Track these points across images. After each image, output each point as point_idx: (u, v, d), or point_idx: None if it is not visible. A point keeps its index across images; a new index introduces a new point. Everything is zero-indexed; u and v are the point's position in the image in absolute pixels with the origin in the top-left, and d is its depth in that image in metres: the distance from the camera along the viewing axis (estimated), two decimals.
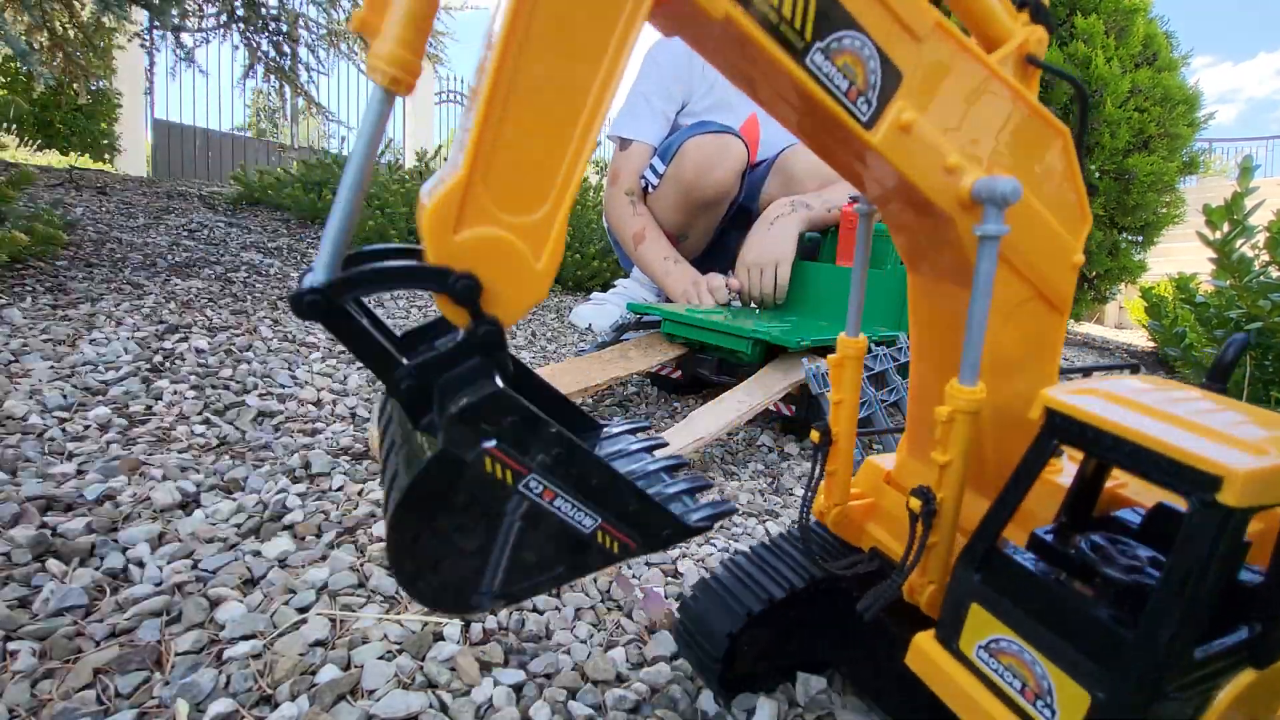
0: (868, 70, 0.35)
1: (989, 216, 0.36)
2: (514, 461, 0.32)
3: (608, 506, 0.35)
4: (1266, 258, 0.99)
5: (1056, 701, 0.34)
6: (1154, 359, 3.53)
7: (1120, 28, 3.62)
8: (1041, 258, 0.42)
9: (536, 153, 0.31)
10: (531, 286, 0.32)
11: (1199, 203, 1.10)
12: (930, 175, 0.37)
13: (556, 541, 0.35)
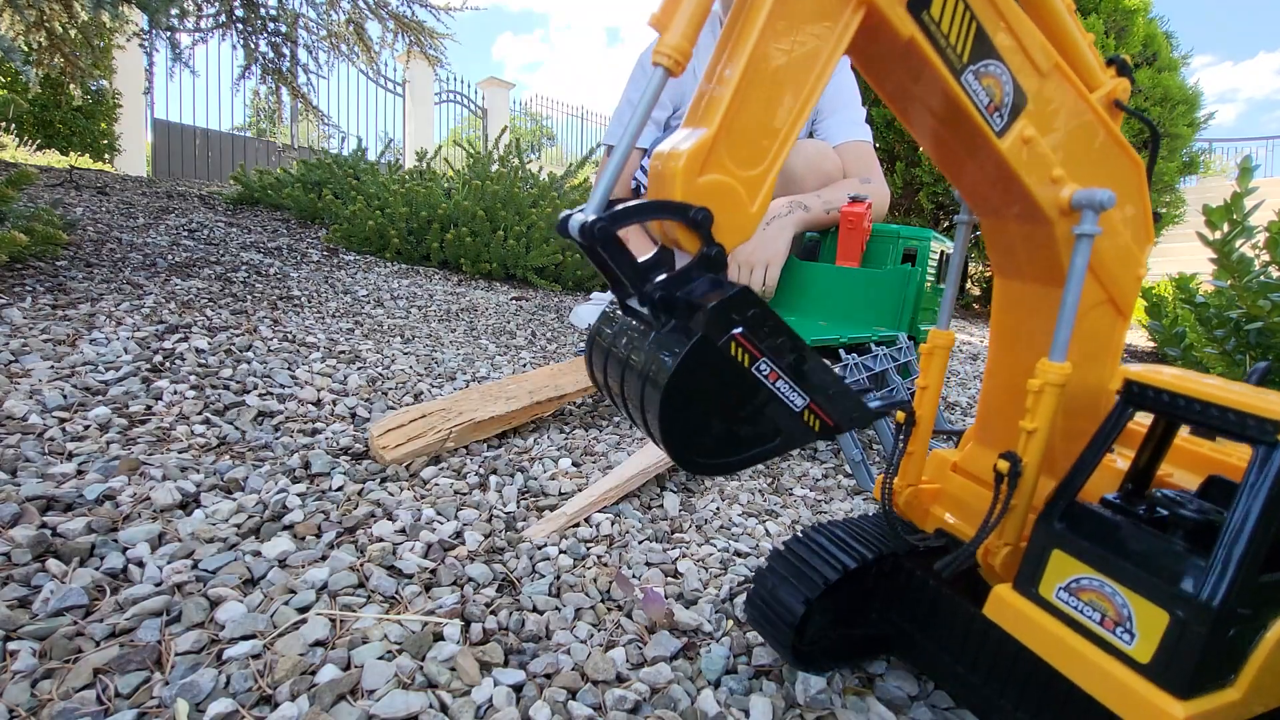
0: (1004, 92, 0.45)
1: (1086, 219, 0.45)
2: (753, 346, 0.42)
3: (815, 390, 0.44)
4: (1266, 258, 0.99)
5: (1136, 625, 0.38)
6: (1154, 359, 3.53)
7: (1120, 28, 3.62)
8: (1117, 265, 0.50)
9: (765, 124, 0.42)
10: (746, 223, 0.43)
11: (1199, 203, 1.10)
12: (1041, 183, 0.47)
13: (775, 416, 0.44)
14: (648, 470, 0.88)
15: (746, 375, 0.42)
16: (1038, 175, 0.47)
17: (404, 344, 1.42)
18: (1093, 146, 0.48)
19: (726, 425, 0.43)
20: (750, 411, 0.43)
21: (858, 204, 1.50)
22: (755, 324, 0.41)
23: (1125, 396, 0.43)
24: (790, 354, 0.43)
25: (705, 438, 0.43)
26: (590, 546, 0.75)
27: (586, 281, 2.62)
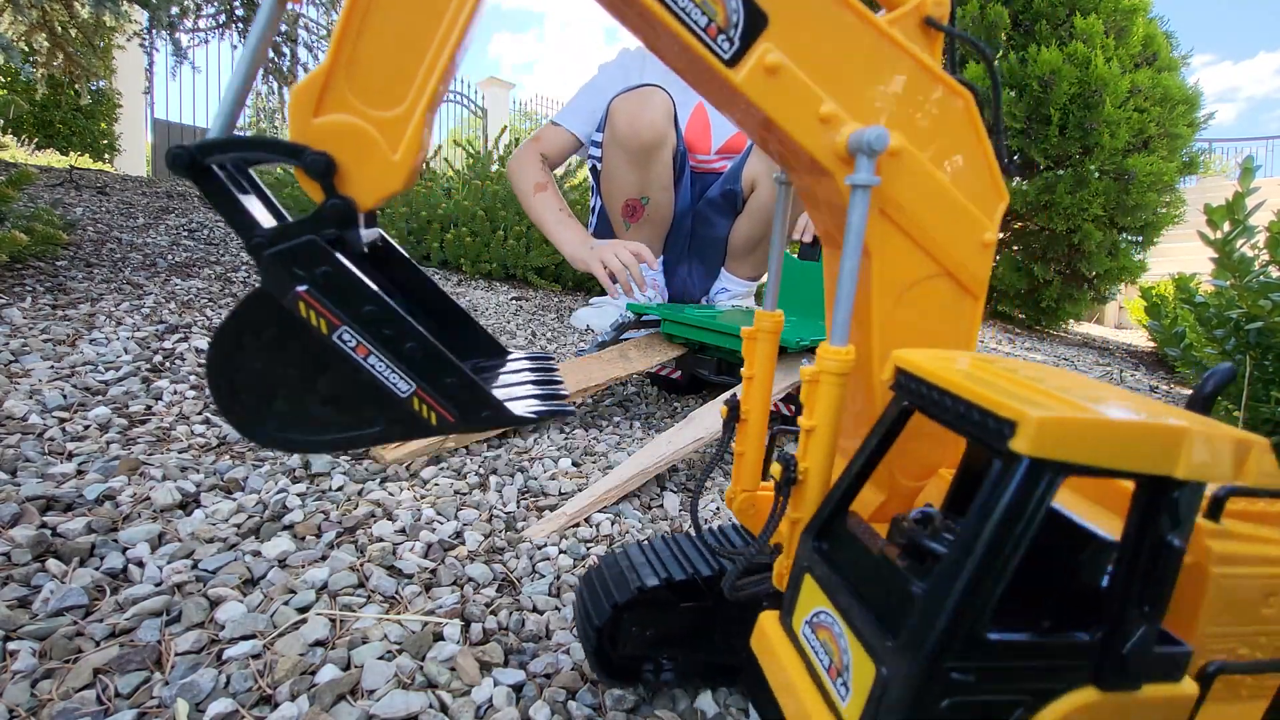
0: (730, 8, 0.35)
1: (859, 166, 0.36)
2: (327, 311, 0.36)
3: (424, 375, 0.37)
4: (1266, 257, 0.99)
5: (851, 677, 0.30)
6: (1154, 359, 3.53)
7: (1120, 28, 3.62)
8: (945, 231, 0.40)
9: (395, 57, 0.35)
10: (387, 175, 0.36)
11: (1199, 203, 1.10)
12: (803, 123, 0.37)
13: (374, 398, 0.37)
14: (648, 470, 0.88)
15: (325, 343, 0.36)
16: (796, 115, 0.37)
17: None
18: (886, 78, 0.38)
19: (305, 398, 0.38)
20: (339, 387, 0.37)
21: None
22: (329, 284, 0.36)
23: (895, 384, 0.34)
24: (385, 327, 0.36)
25: (273, 408, 0.38)
26: (590, 546, 0.75)
27: (587, 281, 2.62)
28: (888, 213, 0.39)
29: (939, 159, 0.40)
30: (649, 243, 1.90)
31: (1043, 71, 3.36)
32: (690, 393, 1.38)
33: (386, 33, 0.35)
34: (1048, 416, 0.27)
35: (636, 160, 1.73)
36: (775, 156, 0.43)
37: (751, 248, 1.91)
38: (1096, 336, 4.62)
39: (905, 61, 0.38)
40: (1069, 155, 3.58)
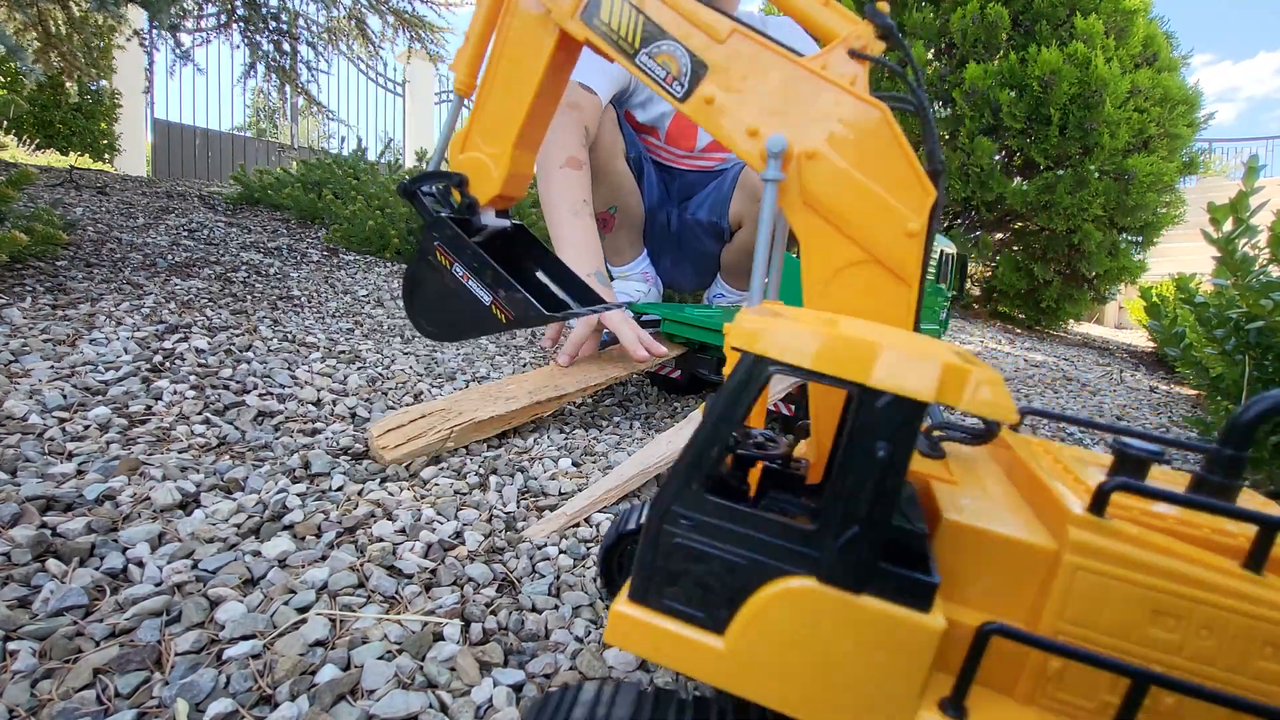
0: (681, 64, 0.53)
1: (770, 165, 0.47)
2: (448, 255, 0.65)
3: (495, 291, 0.64)
4: (1268, 257, 0.99)
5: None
6: (1154, 359, 3.53)
7: (1120, 28, 3.62)
8: (867, 221, 0.47)
9: (499, 116, 0.64)
10: (490, 185, 0.65)
11: (1199, 203, 1.10)
12: (735, 136, 0.51)
13: (473, 305, 0.65)
14: (648, 470, 0.88)
15: (449, 273, 0.65)
16: (729, 130, 0.50)
17: (404, 344, 1.42)
18: (804, 99, 0.48)
19: (446, 306, 0.66)
20: (458, 298, 0.65)
21: None
22: (450, 242, 0.64)
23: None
24: (477, 266, 0.64)
25: (432, 313, 0.68)
26: (590, 546, 0.75)
27: None
28: (811, 205, 0.48)
29: (860, 161, 0.48)
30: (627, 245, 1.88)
31: (1043, 71, 3.36)
32: (690, 392, 1.38)
33: (497, 104, 0.63)
34: (760, 320, 0.34)
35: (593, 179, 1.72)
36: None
37: (744, 271, 1.91)
38: (1096, 336, 4.61)
39: (821, 86, 0.49)
40: (1069, 155, 3.58)
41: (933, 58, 3.81)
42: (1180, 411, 2.06)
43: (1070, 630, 0.33)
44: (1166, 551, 0.32)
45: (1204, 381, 1.22)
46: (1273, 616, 0.31)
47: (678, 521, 0.35)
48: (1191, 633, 0.32)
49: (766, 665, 0.34)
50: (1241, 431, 0.36)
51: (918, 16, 3.72)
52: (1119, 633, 0.33)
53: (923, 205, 0.46)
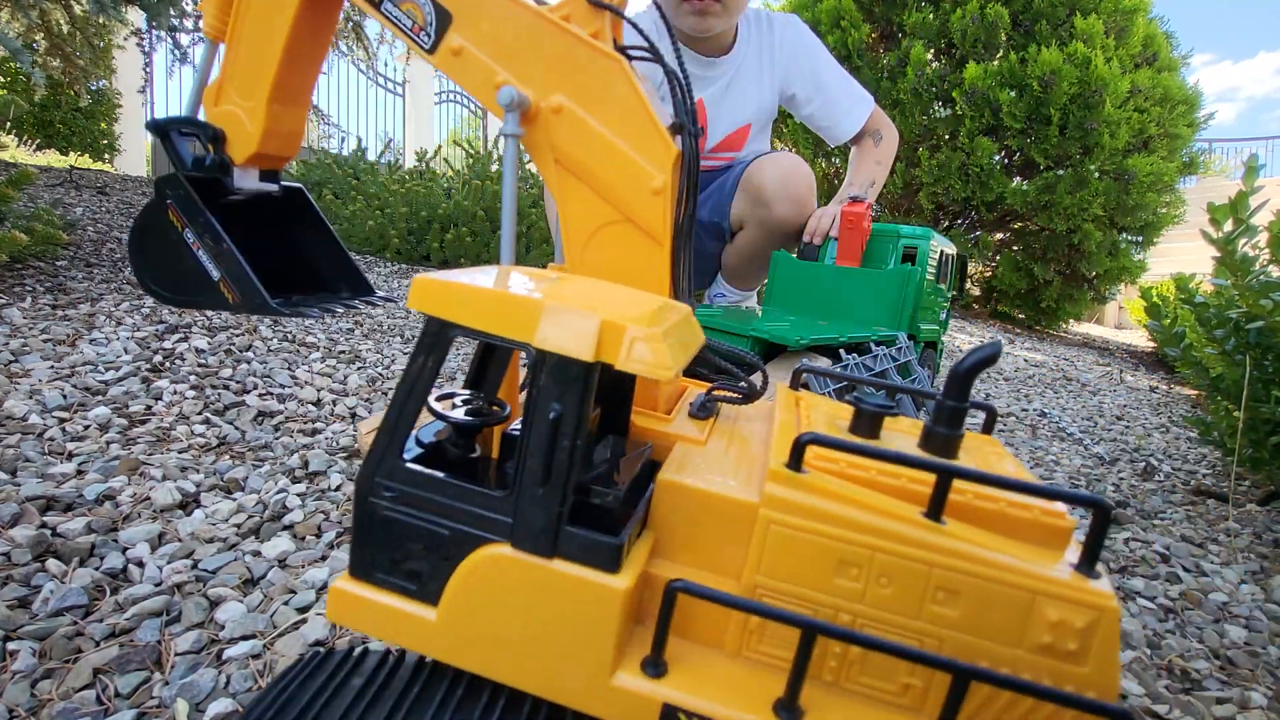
0: (425, 13, 0.51)
1: (506, 120, 0.46)
2: (179, 218, 0.61)
3: (224, 268, 0.60)
4: (1268, 257, 0.98)
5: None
6: (1154, 359, 3.53)
7: (1120, 28, 3.62)
8: (615, 180, 0.46)
9: (250, 67, 0.58)
10: (246, 141, 0.60)
11: (1199, 203, 1.10)
12: (483, 89, 0.49)
13: (201, 278, 0.61)
14: None
15: (181, 238, 0.61)
16: (477, 83, 0.49)
17: (404, 344, 1.41)
18: (547, 51, 0.47)
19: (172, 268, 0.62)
20: (186, 265, 0.61)
21: (858, 204, 1.50)
22: (182, 203, 0.60)
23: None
24: (209, 238, 0.60)
25: (155, 271, 0.63)
26: None
27: None
28: (561, 163, 0.47)
29: (604, 116, 0.47)
30: None
31: (1043, 71, 3.36)
32: None
33: (246, 56, 0.58)
34: (429, 279, 0.33)
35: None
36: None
37: (744, 272, 1.91)
38: (1096, 336, 4.62)
39: (562, 37, 0.47)
40: (1069, 155, 3.58)
41: (933, 58, 3.81)
42: (1180, 411, 2.06)
43: (767, 583, 0.33)
44: (853, 503, 0.33)
45: (1204, 381, 1.22)
46: (943, 562, 0.32)
47: (380, 492, 0.35)
48: (872, 581, 0.32)
49: (475, 635, 0.34)
50: (960, 383, 0.37)
51: (918, 16, 3.72)
52: (809, 583, 0.33)
53: (665, 161, 0.45)
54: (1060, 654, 0.31)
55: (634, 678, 0.33)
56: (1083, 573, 0.32)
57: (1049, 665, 0.31)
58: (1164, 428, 1.78)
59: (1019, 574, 0.31)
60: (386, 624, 0.35)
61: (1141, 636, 0.71)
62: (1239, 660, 0.68)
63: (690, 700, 0.32)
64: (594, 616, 0.32)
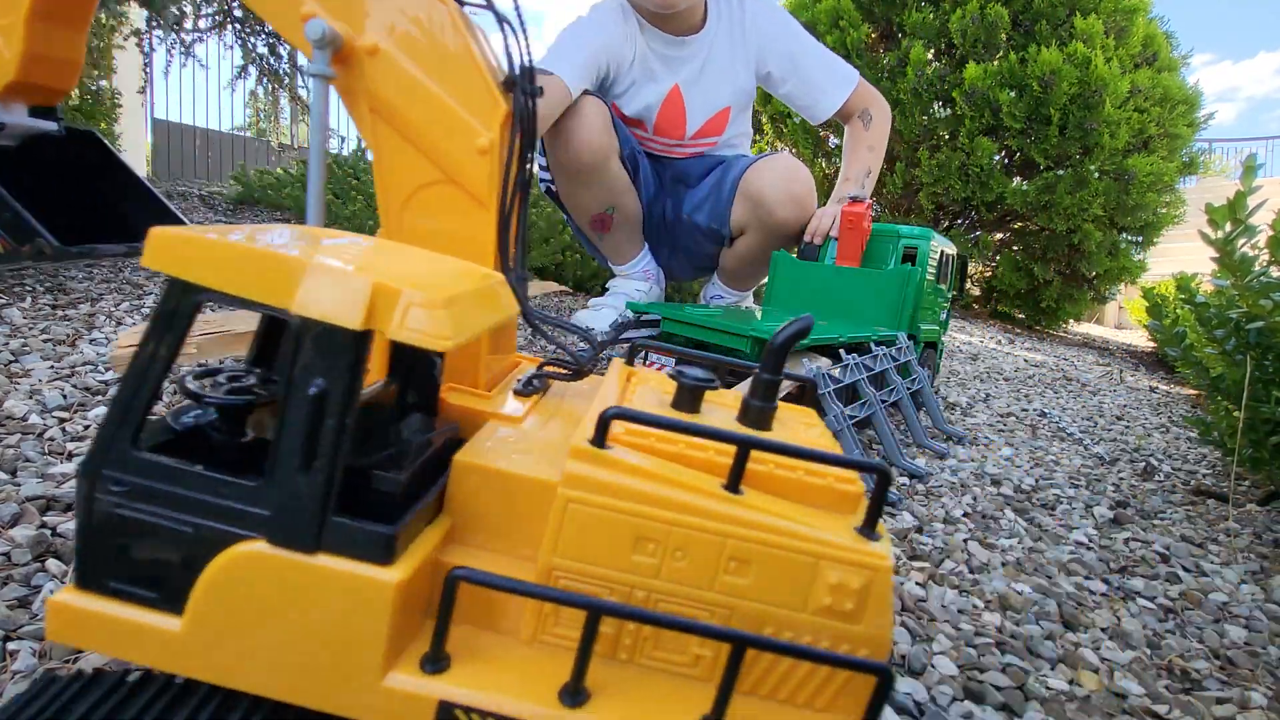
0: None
1: (314, 57, 0.40)
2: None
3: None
4: (1267, 257, 0.99)
5: None
6: (1154, 359, 3.53)
7: (1120, 28, 3.62)
8: (437, 135, 0.42)
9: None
10: (3, 67, 0.50)
11: (1199, 203, 1.10)
12: (287, 19, 0.41)
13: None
14: None
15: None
16: (279, 13, 0.41)
17: None
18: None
19: None
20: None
21: (858, 204, 1.50)
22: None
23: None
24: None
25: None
26: None
27: (586, 281, 2.62)
28: (379, 111, 0.42)
29: (428, 65, 0.42)
30: (626, 243, 1.86)
31: (1043, 71, 3.36)
32: None
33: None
34: (167, 232, 0.29)
35: (587, 180, 1.69)
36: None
37: (743, 274, 1.89)
38: (1096, 336, 4.62)
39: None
40: (1069, 155, 3.58)
41: (933, 58, 3.81)
42: (1180, 411, 2.06)
43: (564, 565, 0.32)
44: (652, 478, 0.32)
45: (1204, 381, 1.22)
46: (734, 532, 0.32)
47: (108, 487, 0.30)
48: (668, 556, 0.32)
49: (227, 644, 0.30)
50: (775, 356, 0.37)
51: (918, 16, 3.72)
52: (607, 562, 0.32)
53: (493, 118, 0.42)
54: (839, 614, 0.32)
55: (408, 676, 0.30)
56: (864, 535, 0.32)
57: (830, 626, 0.32)
58: (1164, 428, 1.78)
59: (803, 539, 0.32)
60: (123, 640, 0.31)
61: (1141, 636, 0.71)
62: (1239, 660, 0.68)
63: (468, 695, 0.30)
64: (364, 615, 0.30)
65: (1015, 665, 0.62)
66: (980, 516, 0.97)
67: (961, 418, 1.56)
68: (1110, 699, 0.60)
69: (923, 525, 0.91)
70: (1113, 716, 0.58)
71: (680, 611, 0.32)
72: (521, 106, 0.43)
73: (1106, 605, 0.77)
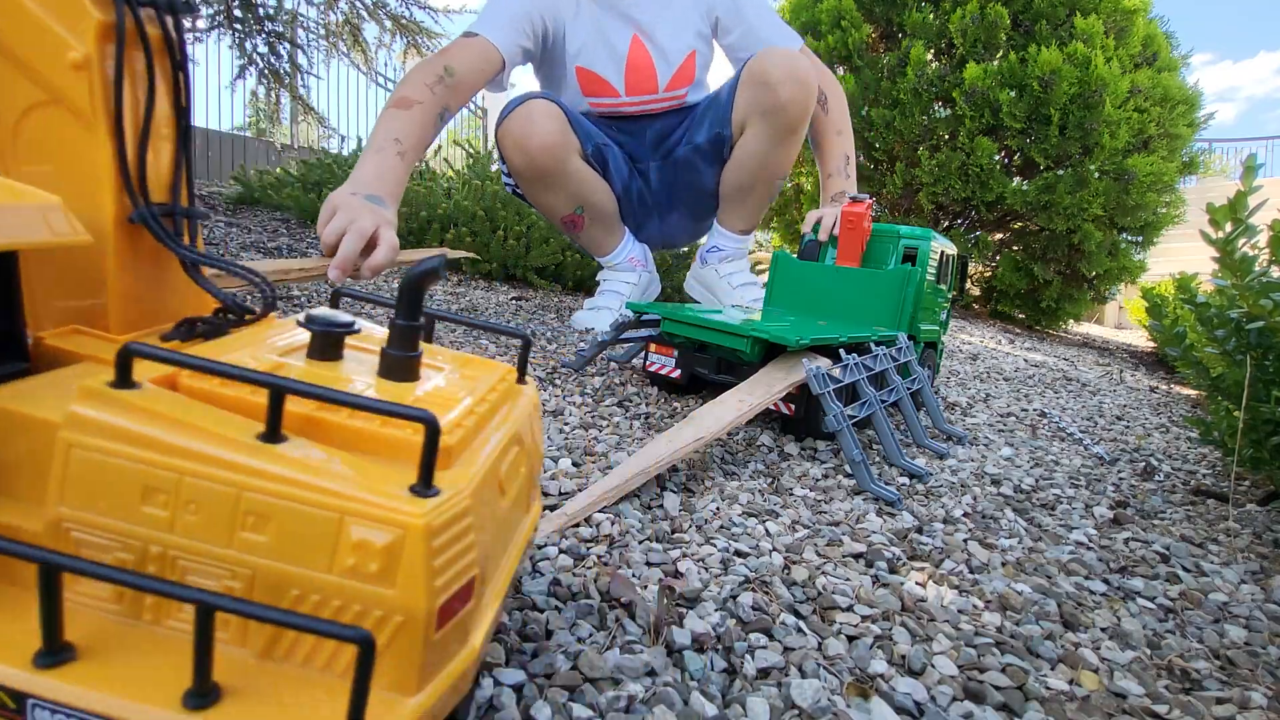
0: None
1: None
2: None
3: None
4: (1267, 257, 0.98)
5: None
6: (1154, 359, 3.53)
7: (1120, 28, 3.62)
8: (29, 48, 0.39)
9: None
10: None
11: (1199, 203, 1.10)
12: None
13: None
14: (648, 470, 0.88)
15: None
16: None
17: None
18: None
19: None
20: None
21: (858, 204, 1.50)
22: None
23: None
24: None
25: None
26: (590, 547, 0.75)
27: (587, 281, 2.62)
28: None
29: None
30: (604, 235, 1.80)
31: (1043, 71, 3.36)
32: (690, 393, 1.38)
33: None
34: None
35: (549, 184, 1.65)
36: None
37: (744, 195, 1.79)
38: (1096, 336, 4.62)
39: None
40: (1069, 155, 3.59)
41: (933, 58, 3.81)
42: (1180, 411, 2.06)
43: (73, 516, 0.30)
44: (169, 422, 0.30)
45: (1204, 381, 1.22)
46: (251, 484, 0.29)
47: None
48: (180, 509, 0.30)
49: None
50: (408, 298, 0.36)
51: (917, 16, 3.72)
52: (118, 514, 0.30)
53: (84, 30, 0.38)
54: (365, 576, 0.29)
55: None
56: (418, 492, 0.30)
57: (358, 589, 0.29)
58: (1164, 428, 1.78)
59: (326, 494, 0.29)
60: None
61: (1141, 636, 0.71)
62: (1239, 660, 0.68)
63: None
64: None
65: (1015, 665, 0.62)
66: (980, 516, 0.97)
67: (961, 418, 1.56)
68: (1110, 699, 0.60)
69: (923, 525, 0.91)
70: (1113, 716, 0.58)
71: (201, 570, 0.30)
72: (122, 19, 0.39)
73: (1106, 605, 0.77)
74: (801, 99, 1.56)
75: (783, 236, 4.72)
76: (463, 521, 0.32)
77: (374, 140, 1.30)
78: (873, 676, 0.59)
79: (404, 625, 0.29)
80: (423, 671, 0.30)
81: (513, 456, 0.43)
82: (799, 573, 0.74)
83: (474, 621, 0.35)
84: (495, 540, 0.40)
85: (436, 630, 0.30)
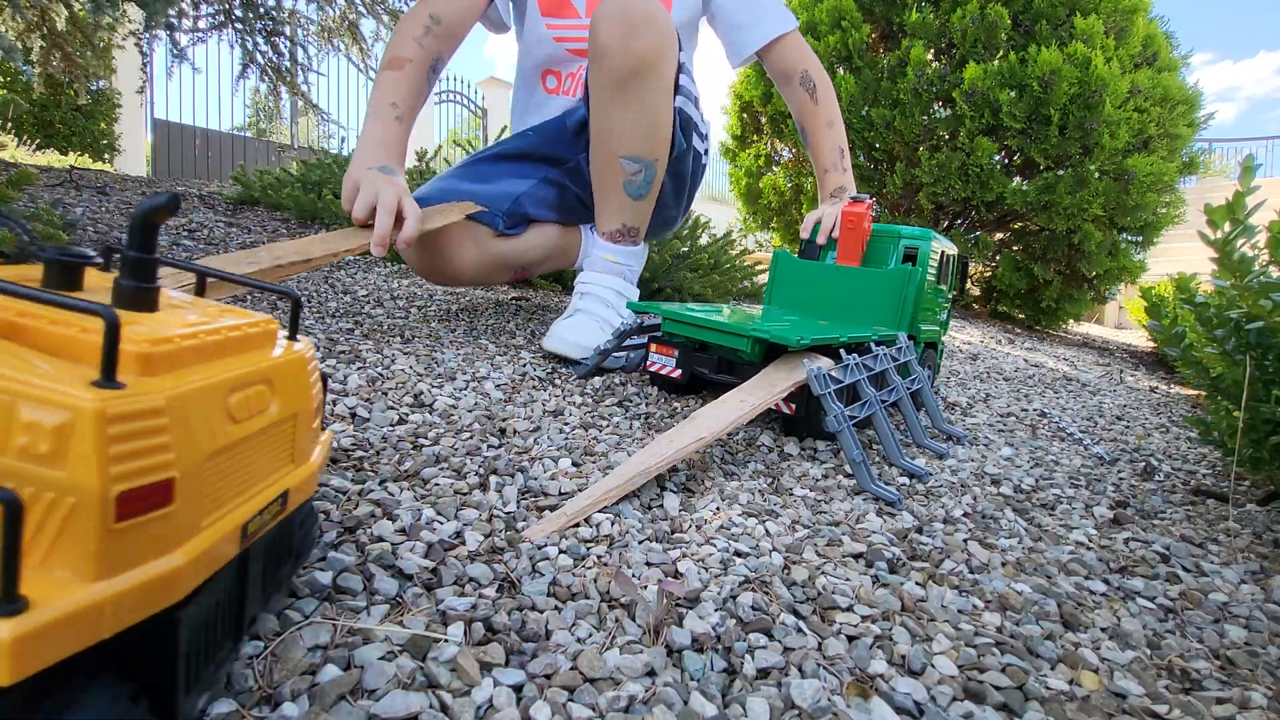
0: None
1: None
2: None
3: None
4: (1267, 257, 0.98)
5: None
6: (1154, 359, 3.53)
7: (1120, 28, 3.62)
8: None
9: None
10: None
11: (1199, 203, 1.10)
12: None
13: None
14: (648, 470, 0.88)
15: None
16: None
17: (404, 344, 1.41)
18: None
19: None
20: None
21: (858, 204, 1.50)
22: None
23: None
24: None
25: None
26: (590, 547, 0.75)
27: None
28: None
29: None
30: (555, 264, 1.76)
31: (1043, 71, 3.36)
32: (690, 392, 1.38)
33: None
34: None
35: (488, 283, 1.66)
36: None
37: (597, 184, 1.50)
38: (1096, 336, 4.62)
39: None
40: (1069, 155, 3.58)
41: (933, 58, 3.81)
42: (1180, 411, 2.06)
43: None
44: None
45: (1204, 382, 1.22)
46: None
47: None
48: None
49: None
50: (141, 230, 0.37)
51: (917, 17, 3.72)
52: None
53: None
54: (36, 457, 0.31)
55: None
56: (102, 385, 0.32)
57: (31, 471, 0.31)
58: (1164, 428, 1.78)
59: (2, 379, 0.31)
60: None
61: (1141, 636, 0.71)
62: (1239, 660, 0.68)
63: None
64: None
65: (1015, 665, 0.62)
66: (980, 516, 0.97)
67: (961, 418, 1.56)
68: (1110, 699, 0.60)
69: (923, 525, 0.91)
70: (1113, 716, 0.58)
71: None
72: None
73: (1106, 605, 0.77)
74: (622, 40, 1.21)
75: (783, 236, 4.72)
76: (152, 419, 0.33)
77: (373, 106, 1.35)
78: (873, 676, 0.59)
79: (77, 507, 0.31)
80: (101, 559, 0.31)
81: (253, 394, 0.44)
82: (799, 573, 0.74)
83: (175, 530, 0.35)
84: (223, 466, 0.40)
85: (117, 519, 0.31)
